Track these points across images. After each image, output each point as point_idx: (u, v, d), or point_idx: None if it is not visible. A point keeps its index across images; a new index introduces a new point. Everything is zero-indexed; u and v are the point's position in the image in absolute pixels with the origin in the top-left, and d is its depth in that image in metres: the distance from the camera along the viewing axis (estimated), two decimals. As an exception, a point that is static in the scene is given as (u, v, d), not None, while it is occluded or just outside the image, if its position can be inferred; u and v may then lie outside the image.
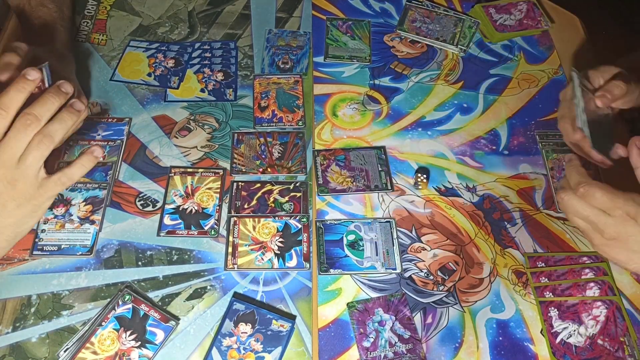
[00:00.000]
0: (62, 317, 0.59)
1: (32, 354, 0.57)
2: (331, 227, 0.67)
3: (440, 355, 0.58)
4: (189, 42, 0.86)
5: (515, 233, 0.67)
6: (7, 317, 0.59)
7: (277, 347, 0.57)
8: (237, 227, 0.66)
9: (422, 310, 0.61)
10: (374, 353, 0.57)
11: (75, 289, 0.61)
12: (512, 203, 0.70)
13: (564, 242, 0.67)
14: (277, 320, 0.59)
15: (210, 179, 0.70)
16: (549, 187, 0.71)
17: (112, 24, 0.87)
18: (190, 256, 0.64)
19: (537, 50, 0.87)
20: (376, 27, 0.89)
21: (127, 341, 0.57)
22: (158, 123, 0.76)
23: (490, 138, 0.76)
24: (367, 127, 0.77)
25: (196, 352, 0.57)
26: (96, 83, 0.80)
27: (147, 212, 0.67)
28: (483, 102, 0.80)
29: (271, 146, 0.74)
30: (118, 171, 0.70)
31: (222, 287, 0.62)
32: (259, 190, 0.69)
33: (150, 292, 0.61)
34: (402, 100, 0.80)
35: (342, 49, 0.85)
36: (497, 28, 0.87)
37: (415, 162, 0.73)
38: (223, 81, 0.81)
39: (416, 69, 0.84)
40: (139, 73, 0.81)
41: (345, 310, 0.61)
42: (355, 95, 0.80)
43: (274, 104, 0.78)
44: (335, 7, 0.92)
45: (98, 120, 0.75)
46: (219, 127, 0.76)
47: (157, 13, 0.90)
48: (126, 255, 0.64)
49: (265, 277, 0.63)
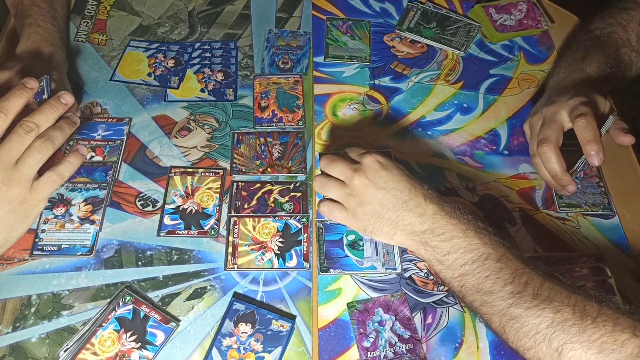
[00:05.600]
0: (62, 317, 0.59)
1: (32, 354, 0.57)
2: (331, 227, 0.67)
3: (440, 355, 0.58)
4: (189, 42, 0.86)
5: (515, 233, 0.67)
6: (7, 317, 0.59)
7: (277, 347, 0.57)
8: (237, 227, 0.66)
9: (422, 310, 0.61)
10: (374, 353, 0.57)
11: (75, 289, 0.61)
12: (512, 203, 0.70)
13: (564, 242, 0.67)
14: (277, 320, 0.59)
15: (210, 179, 0.70)
16: (549, 187, 0.71)
17: (112, 24, 0.87)
18: (190, 256, 0.64)
19: (537, 50, 0.87)
20: (376, 27, 0.89)
21: (127, 342, 0.57)
22: (158, 123, 0.76)
23: (490, 138, 0.76)
24: (367, 127, 0.77)
25: (196, 352, 0.57)
26: (96, 83, 0.80)
27: (147, 212, 0.67)
28: (483, 102, 0.80)
29: (271, 146, 0.74)
30: (118, 171, 0.70)
31: (222, 287, 0.62)
32: (259, 190, 0.69)
33: (150, 292, 0.61)
34: (402, 100, 0.80)
35: (342, 49, 0.85)
36: (497, 28, 0.87)
37: (416, 162, 0.73)
38: (223, 81, 0.81)
39: (416, 69, 0.84)
40: (139, 73, 0.81)
41: (345, 310, 0.61)
42: (355, 95, 0.80)
43: (274, 104, 0.78)
44: (335, 7, 0.92)
45: (98, 120, 0.75)
46: (219, 127, 0.76)
47: (157, 13, 0.90)
48: (126, 255, 0.64)
49: (265, 277, 0.63)
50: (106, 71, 0.81)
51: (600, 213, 0.69)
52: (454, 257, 0.54)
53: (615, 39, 0.74)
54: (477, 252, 0.53)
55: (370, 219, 0.59)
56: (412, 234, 0.57)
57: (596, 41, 0.74)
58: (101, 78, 0.80)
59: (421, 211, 0.57)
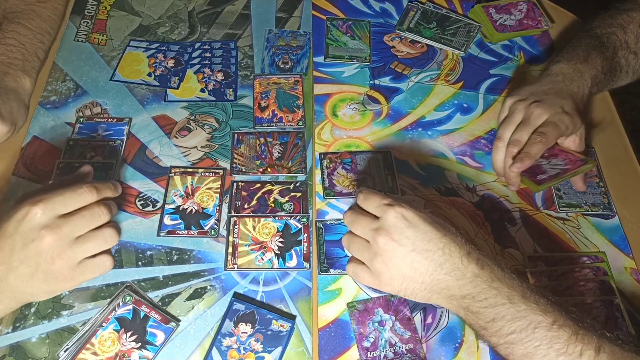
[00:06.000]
0: (62, 317, 0.59)
1: (32, 354, 0.57)
2: (331, 227, 0.67)
3: (440, 355, 0.58)
4: (189, 42, 0.86)
5: (515, 233, 0.67)
6: (7, 317, 0.59)
7: (277, 347, 0.57)
8: (237, 227, 0.66)
9: (422, 310, 0.61)
10: (374, 353, 0.57)
11: (75, 289, 0.61)
12: (512, 203, 0.70)
13: (564, 242, 0.67)
14: (277, 320, 0.59)
15: (210, 179, 0.70)
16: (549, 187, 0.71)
17: (112, 24, 0.87)
18: (190, 256, 0.64)
19: (537, 50, 0.87)
20: (376, 27, 0.89)
21: (127, 342, 0.57)
22: (158, 123, 0.76)
23: (490, 138, 0.76)
24: (367, 127, 0.77)
25: (196, 352, 0.57)
26: (96, 83, 0.80)
27: (147, 212, 0.67)
28: (483, 102, 0.80)
29: (271, 146, 0.74)
30: (118, 171, 0.70)
31: (222, 287, 0.62)
32: (259, 190, 0.69)
33: (150, 292, 0.61)
34: (402, 100, 0.80)
35: (342, 49, 0.85)
36: (497, 28, 0.87)
37: (416, 162, 0.73)
38: (223, 81, 0.81)
39: (416, 69, 0.84)
40: (139, 73, 0.81)
41: (345, 310, 0.61)
42: (355, 95, 0.80)
43: (274, 104, 0.78)
44: (335, 7, 0.92)
45: (98, 120, 0.75)
46: (219, 127, 0.76)
47: (157, 13, 0.90)
48: (126, 255, 0.64)
49: (265, 277, 0.63)
50: (106, 71, 0.81)
51: (600, 213, 0.69)
52: (500, 325, 0.49)
53: (613, 40, 0.74)
54: (526, 320, 0.48)
55: (402, 283, 0.54)
56: (450, 297, 0.52)
57: (597, 41, 0.74)
58: (101, 78, 0.80)
59: (459, 274, 0.51)
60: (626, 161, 0.74)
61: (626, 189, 0.72)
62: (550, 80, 0.71)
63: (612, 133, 0.77)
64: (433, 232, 0.52)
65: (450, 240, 0.52)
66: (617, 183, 0.72)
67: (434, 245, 0.52)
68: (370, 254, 0.55)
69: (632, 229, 0.68)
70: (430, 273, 0.52)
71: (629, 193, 0.71)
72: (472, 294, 0.50)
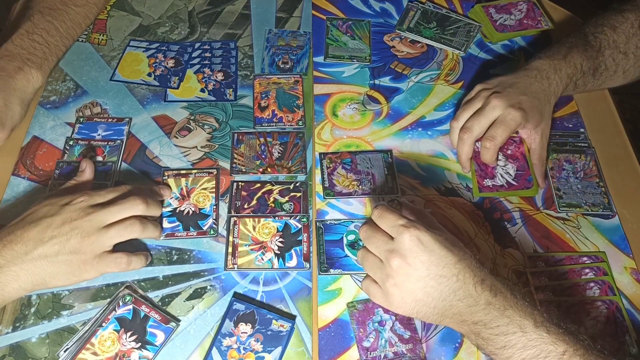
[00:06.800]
0: (62, 317, 0.59)
1: (32, 354, 0.57)
2: (331, 227, 0.67)
3: (440, 355, 0.58)
4: (189, 42, 0.86)
5: (515, 233, 0.67)
6: (7, 317, 0.59)
7: (277, 347, 0.57)
8: (237, 227, 0.66)
9: (422, 310, 0.61)
10: (374, 353, 0.57)
11: (75, 289, 0.61)
12: (512, 203, 0.70)
13: (564, 242, 0.67)
14: (277, 320, 0.59)
15: (205, 179, 0.70)
16: (549, 187, 0.71)
17: (112, 24, 0.87)
18: (190, 256, 0.64)
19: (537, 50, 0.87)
20: (376, 27, 0.89)
21: (127, 342, 0.57)
22: (158, 123, 0.76)
23: (490, 138, 0.76)
24: (367, 127, 0.77)
25: (196, 352, 0.57)
26: (96, 83, 0.80)
27: (147, 212, 0.67)
28: (483, 102, 0.80)
29: (271, 146, 0.74)
30: (118, 171, 0.70)
31: (222, 287, 0.62)
32: (259, 190, 0.69)
33: (150, 292, 0.61)
34: (402, 100, 0.80)
35: (342, 49, 0.85)
36: (497, 28, 0.87)
37: (416, 162, 0.73)
38: (223, 81, 0.81)
39: (416, 69, 0.84)
40: (139, 73, 0.81)
41: (345, 310, 0.61)
42: (355, 95, 0.80)
43: (274, 104, 0.78)
44: (335, 7, 0.92)
45: (98, 120, 0.75)
46: (219, 127, 0.76)
47: (157, 13, 0.90)
48: (126, 256, 0.64)
49: (265, 277, 0.63)
50: (106, 71, 0.81)
51: (600, 213, 0.69)
52: (510, 352, 0.49)
53: (601, 39, 0.74)
54: (537, 349, 0.48)
55: (414, 307, 0.53)
56: (462, 322, 0.52)
57: (582, 40, 0.74)
58: (101, 78, 0.80)
59: (472, 302, 0.51)
60: (626, 161, 0.74)
61: (626, 189, 0.72)
62: (524, 74, 0.72)
63: (612, 133, 0.77)
64: (448, 257, 0.52)
65: (465, 266, 0.52)
66: (617, 183, 0.72)
67: (448, 271, 0.51)
68: (383, 275, 0.54)
69: (632, 229, 0.68)
70: (443, 299, 0.52)
71: (629, 193, 0.71)
72: (484, 321, 0.50)
